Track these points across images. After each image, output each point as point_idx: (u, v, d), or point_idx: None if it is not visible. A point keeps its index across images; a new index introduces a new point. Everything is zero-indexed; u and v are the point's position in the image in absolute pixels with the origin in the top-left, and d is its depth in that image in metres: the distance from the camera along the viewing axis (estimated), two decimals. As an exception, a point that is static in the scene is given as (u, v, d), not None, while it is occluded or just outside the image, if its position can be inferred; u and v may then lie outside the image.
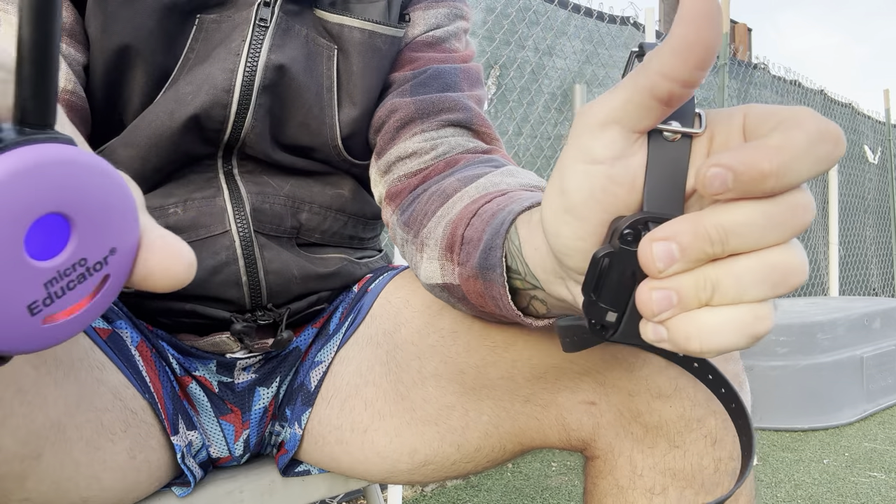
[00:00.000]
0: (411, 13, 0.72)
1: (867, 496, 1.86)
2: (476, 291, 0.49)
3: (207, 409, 0.68)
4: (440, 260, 0.54)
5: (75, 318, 0.25)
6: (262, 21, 0.62)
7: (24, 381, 0.49)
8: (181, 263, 0.26)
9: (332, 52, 0.67)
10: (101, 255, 0.25)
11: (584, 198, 0.31)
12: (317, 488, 0.73)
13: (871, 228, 5.37)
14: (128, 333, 0.63)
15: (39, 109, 0.23)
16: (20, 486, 0.50)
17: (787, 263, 0.28)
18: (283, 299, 0.68)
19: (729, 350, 0.29)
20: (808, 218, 0.28)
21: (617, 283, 0.32)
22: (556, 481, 1.98)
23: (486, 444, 0.61)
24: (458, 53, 0.73)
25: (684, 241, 0.28)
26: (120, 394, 0.59)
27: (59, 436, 0.52)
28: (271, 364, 0.71)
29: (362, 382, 0.66)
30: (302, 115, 0.66)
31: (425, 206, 0.59)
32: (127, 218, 0.26)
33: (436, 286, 0.55)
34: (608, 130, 0.30)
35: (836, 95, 4.87)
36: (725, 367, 0.52)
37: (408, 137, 0.66)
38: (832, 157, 0.27)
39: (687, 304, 0.29)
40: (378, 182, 0.69)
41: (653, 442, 0.52)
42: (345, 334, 0.70)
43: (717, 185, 0.27)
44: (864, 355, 2.64)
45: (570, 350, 0.41)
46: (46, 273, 0.23)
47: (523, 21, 2.60)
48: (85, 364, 0.56)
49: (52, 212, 0.23)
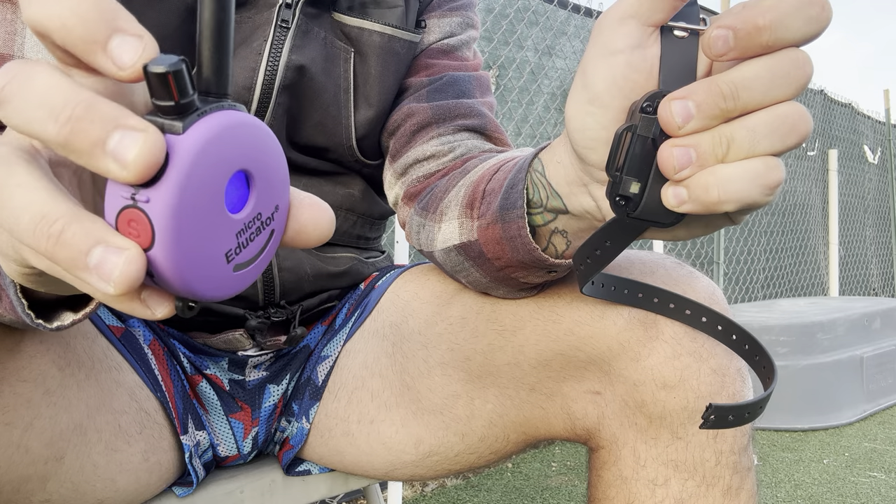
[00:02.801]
0: (427, 20, 0.74)
1: (867, 496, 1.86)
2: (494, 239, 0.51)
3: (217, 408, 0.69)
4: (459, 219, 0.56)
5: (254, 268, 0.28)
6: (283, 22, 0.63)
7: (50, 383, 0.50)
8: (326, 217, 0.29)
9: (348, 54, 0.68)
10: (270, 212, 0.28)
11: (607, 86, 0.35)
12: (317, 488, 0.73)
13: (871, 228, 5.38)
14: (140, 332, 0.64)
15: (219, 81, 0.26)
16: (42, 488, 0.50)
17: (793, 115, 0.31)
18: (296, 296, 0.69)
19: (747, 202, 0.32)
20: (808, 70, 0.31)
21: (639, 156, 0.34)
22: (556, 481, 1.98)
23: (490, 434, 0.61)
24: (470, 62, 0.75)
25: (699, 97, 0.31)
26: (135, 395, 0.59)
27: (80, 438, 0.52)
28: (282, 361, 0.72)
29: (368, 374, 0.67)
30: (319, 115, 0.67)
31: (445, 185, 0.62)
32: (284, 178, 0.29)
33: (452, 248, 0.57)
34: (626, 24, 0.35)
35: (836, 95, 4.87)
36: (729, 364, 0.52)
37: (425, 141, 0.68)
38: (821, 18, 0.30)
39: (705, 160, 0.32)
40: (394, 184, 0.70)
41: (656, 433, 0.53)
42: (351, 329, 0.71)
43: (721, 45, 0.31)
44: (864, 355, 2.64)
45: (586, 274, 0.43)
46: (237, 224, 0.26)
47: (522, 21, 2.61)
48: (104, 365, 0.57)
49: (241, 169, 0.26)
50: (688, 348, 0.52)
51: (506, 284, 0.56)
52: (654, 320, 0.52)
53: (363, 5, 0.68)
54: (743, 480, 0.53)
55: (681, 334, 0.52)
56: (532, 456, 2.21)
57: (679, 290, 0.53)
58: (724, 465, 0.52)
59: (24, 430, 0.48)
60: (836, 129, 4.89)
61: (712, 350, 0.52)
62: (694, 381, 0.52)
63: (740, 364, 0.53)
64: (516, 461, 2.15)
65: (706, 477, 0.52)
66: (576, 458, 2.19)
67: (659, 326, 0.52)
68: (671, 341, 0.52)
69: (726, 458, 0.52)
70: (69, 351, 0.53)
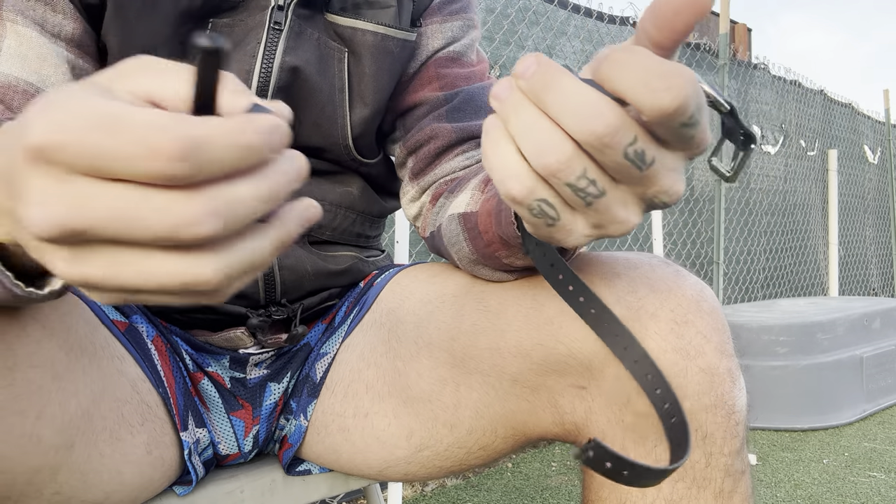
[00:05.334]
0: (427, 27, 0.74)
1: (867, 496, 1.87)
2: (487, 211, 0.55)
3: (218, 406, 0.69)
4: (473, 190, 0.62)
5: None
6: (276, 24, 0.64)
7: (58, 367, 0.49)
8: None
9: (342, 54, 0.69)
10: None
11: None
12: (317, 488, 0.73)
13: (871, 228, 5.38)
14: (144, 327, 0.64)
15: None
16: (53, 479, 0.50)
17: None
18: (296, 295, 0.69)
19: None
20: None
21: None
22: (556, 481, 1.98)
23: (477, 427, 0.61)
24: (477, 67, 0.77)
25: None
26: (137, 386, 0.59)
27: (87, 425, 0.52)
28: (283, 360, 0.72)
29: (364, 366, 0.68)
30: (315, 115, 0.67)
31: (474, 171, 0.67)
32: None
33: (455, 216, 0.62)
34: None
35: (837, 95, 4.87)
36: (719, 363, 0.51)
37: (449, 159, 0.72)
38: None
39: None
40: (416, 199, 0.74)
41: (643, 431, 0.52)
42: (350, 325, 0.71)
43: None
44: (863, 355, 2.64)
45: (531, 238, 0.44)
46: None
47: (523, 21, 2.61)
48: (107, 353, 0.57)
49: None
50: (673, 345, 0.50)
51: (489, 263, 0.58)
52: (636, 314, 0.51)
53: (356, 6, 0.69)
54: (736, 483, 0.52)
55: (665, 331, 0.51)
56: (532, 456, 2.21)
57: (664, 289, 0.52)
58: (715, 467, 0.51)
59: (37, 419, 0.47)
60: (836, 129, 4.89)
61: (700, 348, 0.51)
62: (681, 380, 0.50)
63: (731, 364, 0.52)
64: (516, 461, 2.15)
65: (696, 479, 0.51)
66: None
67: (642, 321, 0.51)
68: (655, 337, 0.50)
69: (717, 460, 0.51)
70: (72, 335, 0.53)
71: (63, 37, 0.59)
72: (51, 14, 0.59)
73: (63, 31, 0.59)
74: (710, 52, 3.54)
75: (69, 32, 0.59)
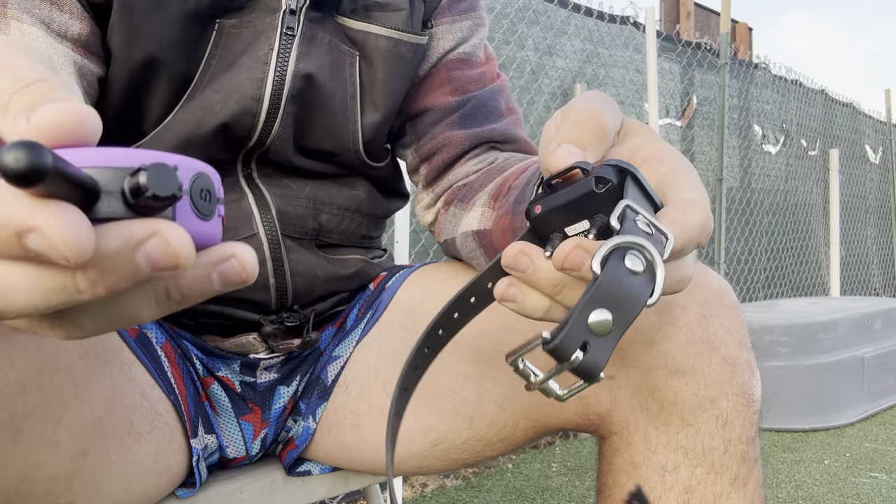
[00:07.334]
0: (438, 27, 0.74)
1: (868, 497, 1.86)
2: (503, 229, 0.57)
3: (228, 410, 0.69)
4: (482, 207, 0.62)
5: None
6: (288, 30, 0.62)
7: (76, 373, 0.49)
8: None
9: (353, 58, 0.68)
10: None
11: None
12: (317, 488, 0.73)
13: (873, 228, 5.37)
14: (153, 334, 0.63)
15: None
16: (68, 488, 0.49)
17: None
18: (307, 300, 0.69)
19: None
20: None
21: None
22: (556, 482, 1.98)
23: (499, 420, 0.61)
24: (486, 66, 0.77)
25: None
26: (147, 394, 0.59)
27: (99, 433, 0.52)
28: (293, 363, 0.72)
29: (382, 364, 0.67)
30: (326, 121, 0.67)
31: (483, 181, 0.66)
32: None
33: (469, 234, 0.63)
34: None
35: (838, 95, 4.87)
36: (740, 354, 0.53)
37: (462, 164, 0.72)
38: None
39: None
40: (431, 206, 0.74)
41: (667, 419, 0.54)
42: (364, 328, 0.71)
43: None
44: (865, 355, 2.64)
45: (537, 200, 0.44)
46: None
47: (523, 20, 2.60)
48: (117, 360, 0.56)
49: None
50: (700, 335, 0.53)
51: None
52: (668, 306, 0.53)
53: (367, 8, 0.68)
54: (750, 471, 0.54)
55: (693, 322, 0.53)
56: (532, 456, 2.21)
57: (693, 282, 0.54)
58: (733, 454, 0.53)
59: (56, 424, 0.47)
60: (838, 128, 4.88)
61: (723, 339, 0.53)
62: (705, 369, 0.52)
63: (749, 356, 0.55)
64: (516, 462, 2.15)
65: (714, 465, 0.53)
66: (576, 459, 2.19)
67: (674, 312, 0.53)
68: (685, 328, 0.53)
69: (734, 447, 0.53)
70: (87, 340, 0.52)
71: (69, 37, 0.57)
72: (57, 13, 0.57)
73: (69, 32, 0.57)
74: (711, 52, 3.54)
75: (76, 33, 0.58)
